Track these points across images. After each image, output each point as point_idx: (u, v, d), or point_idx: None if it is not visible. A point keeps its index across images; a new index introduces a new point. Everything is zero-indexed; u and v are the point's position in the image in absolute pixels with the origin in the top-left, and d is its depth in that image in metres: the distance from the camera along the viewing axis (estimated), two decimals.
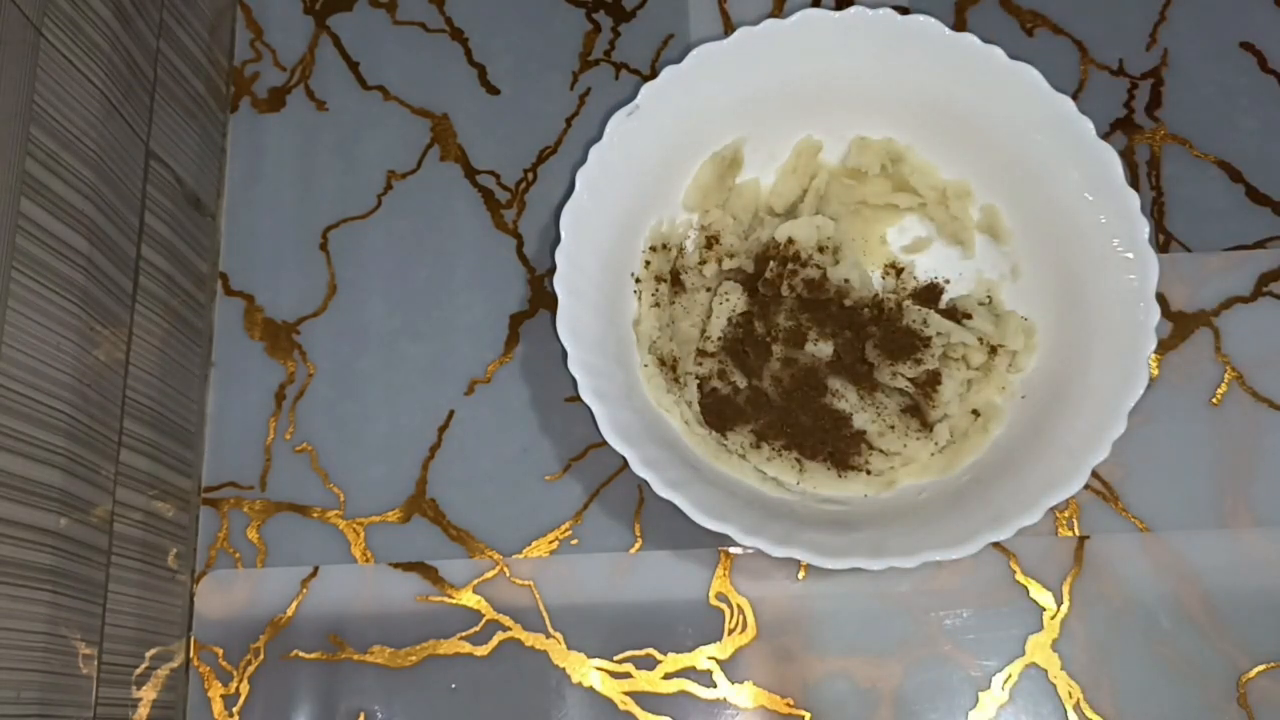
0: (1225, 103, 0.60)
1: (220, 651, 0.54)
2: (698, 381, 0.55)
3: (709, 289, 0.56)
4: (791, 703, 0.52)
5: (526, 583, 0.54)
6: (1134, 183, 0.58)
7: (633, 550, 0.55)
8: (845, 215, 0.57)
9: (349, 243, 0.59)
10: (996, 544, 0.53)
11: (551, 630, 0.54)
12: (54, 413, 0.44)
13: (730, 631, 0.53)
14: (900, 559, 0.48)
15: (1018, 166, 0.54)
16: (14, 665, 0.42)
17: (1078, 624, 0.53)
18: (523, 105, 0.61)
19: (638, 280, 0.55)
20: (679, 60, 0.54)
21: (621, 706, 0.53)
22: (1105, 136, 0.53)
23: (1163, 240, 0.58)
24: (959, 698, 0.52)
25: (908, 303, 0.55)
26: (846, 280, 0.55)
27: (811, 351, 0.54)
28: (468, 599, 0.54)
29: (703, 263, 0.56)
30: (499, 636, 0.54)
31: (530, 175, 0.60)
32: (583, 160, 0.53)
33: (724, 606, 0.54)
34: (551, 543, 0.55)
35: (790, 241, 0.56)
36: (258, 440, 0.57)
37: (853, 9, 0.55)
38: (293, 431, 0.57)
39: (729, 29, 0.62)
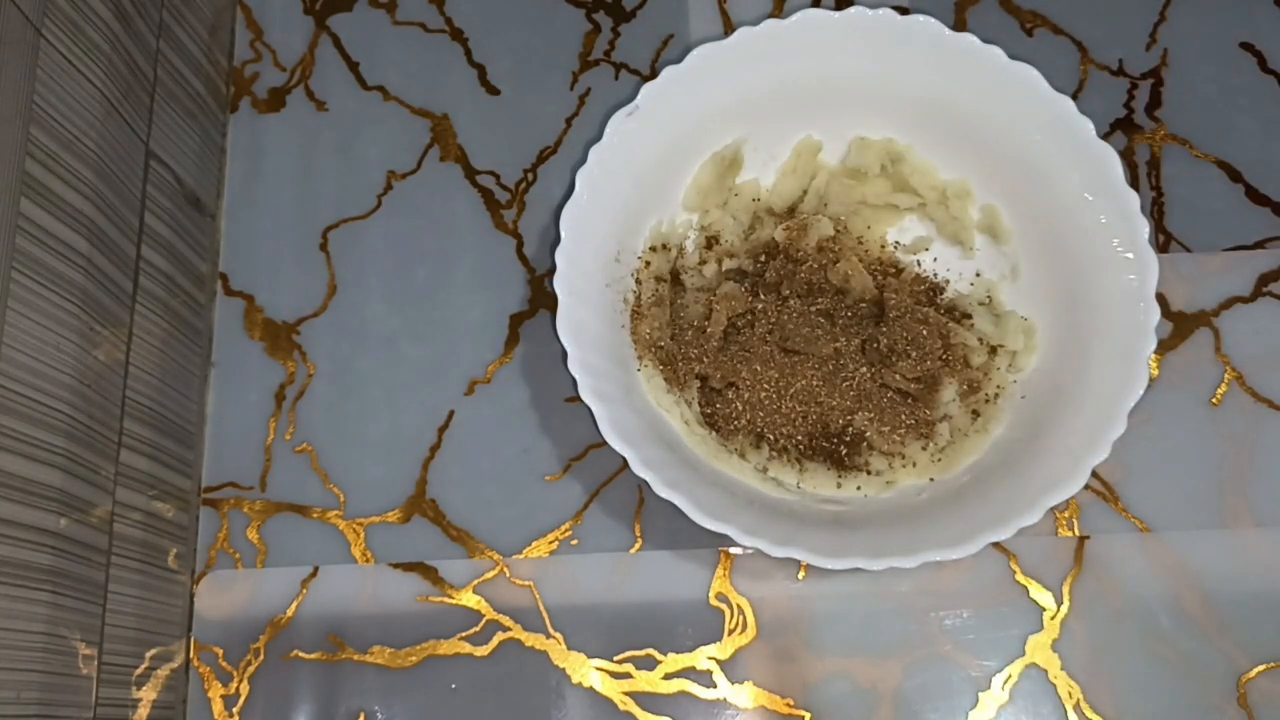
0: (1225, 103, 0.60)
1: (220, 652, 0.54)
2: (698, 381, 0.55)
3: (709, 289, 0.56)
4: (791, 703, 0.52)
5: (526, 583, 0.54)
6: (1134, 183, 0.58)
7: (633, 550, 0.55)
8: (845, 215, 0.57)
9: (349, 243, 0.59)
10: (996, 544, 0.53)
11: (551, 630, 0.54)
12: (54, 413, 0.44)
13: (730, 631, 0.53)
14: (900, 559, 0.48)
15: (1018, 166, 0.54)
16: (14, 665, 0.42)
17: (1078, 624, 0.53)
18: (523, 105, 0.61)
19: (638, 280, 0.55)
20: (679, 60, 0.54)
21: (621, 707, 0.53)
22: (1105, 136, 0.53)
23: (1163, 240, 0.58)
24: (959, 698, 0.52)
25: (907, 303, 0.55)
26: (846, 280, 0.55)
27: (811, 352, 0.54)
28: (468, 599, 0.54)
29: (703, 263, 0.56)
30: (499, 637, 0.54)
31: (530, 175, 0.60)
32: (583, 160, 0.53)
33: (724, 606, 0.54)
34: (551, 543, 0.55)
35: (790, 241, 0.56)
36: (258, 440, 0.57)
37: (853, 9, 0.55)
38: (293, 431, 0.57)
39: (729, 29, 0.62)
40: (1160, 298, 0.51)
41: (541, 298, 0.58)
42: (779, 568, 0.54)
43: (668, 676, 0.53)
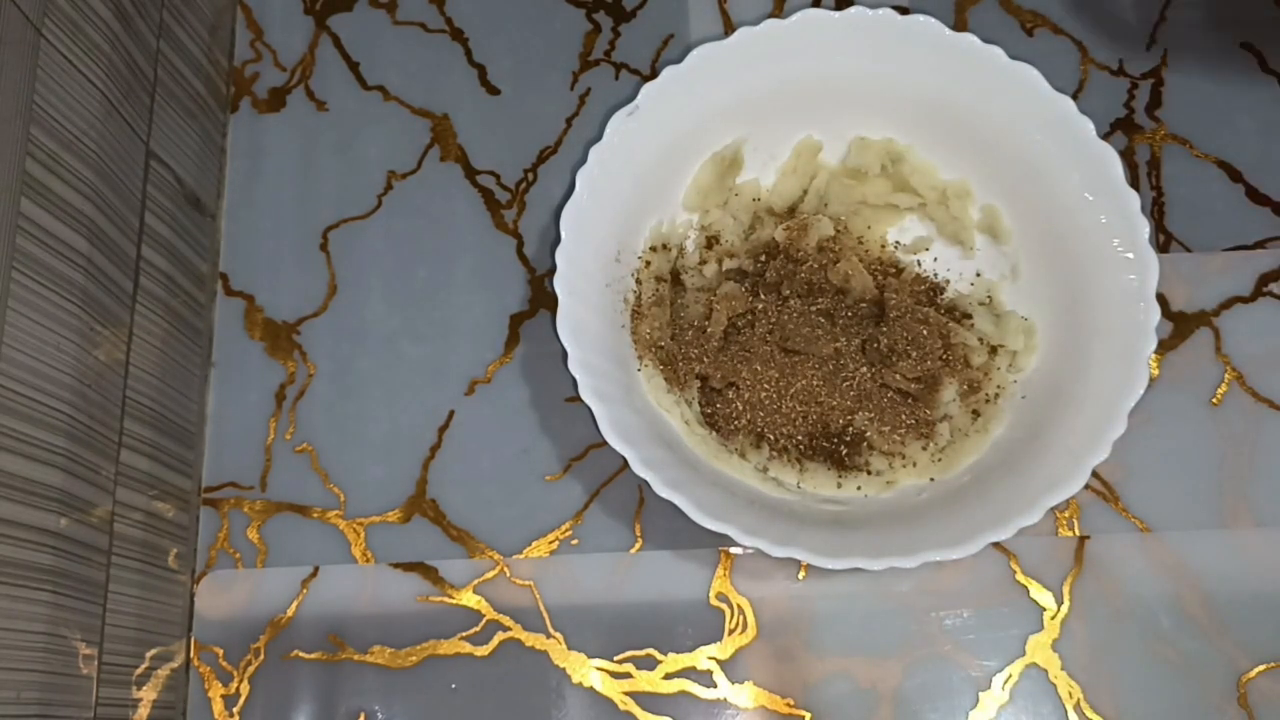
0: (1225, 103, 0.60)
1: (220, 652, 0.54)
2: (698, 381, 0.55)
3: (709, 289, 0.56)
4: (791, 703, 0.52)
5: (527, 583, 0.54)
6: (1134, 183, 0.58)
7: (633, 550, 0.55)
8: (845, 215, 0.57)
9: (349, 243, 0.59)
10: (996, 544, 0.53)
11: (552, 630, 0.54)
12: (54, 413, 0.44)
13: (730, 631, 0.53)
14: (900, 559, 0.48)
15: (1018, 166, 0.54)
16: (14, 665, 0.42)
17: (1078, 624, 0.53)
18: (523, 105, 0.61)
19: (638, 280, 0.55)
20: (679, 60, 0.54)
21: (622, 707, 0.53)
22: (1105, 136, 0.53)
23: (1163, 240, 0.58)
24: (959, 698, 0.52)
25: (908, 303, 0.55)
26: (846, 280, 0.55)
27: (811, 352, 0.54)
28: (468, 599, 0.54)
29: (703, 263, 0.56)
30: (499, 637, 0.54)
31: (530, 175, 0.60)
32: (583, 160, 0.53)
33: (724, 606, 0.54)
34: (552, 543, 0.55)
35: (790, 241, 0.56)
36: (258, 440, 0.57)
37: (853, 9, 0.55)
38: (293, 431, 0.57)
39: (729, 29, 0.62)
40: (1160, 298, 0.51)
41: (541, 298, 0.58)
42: (779, 568, 0.54)
43: (668, 676, 0.53)
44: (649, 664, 0.53)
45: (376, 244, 0.59)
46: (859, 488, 0.53)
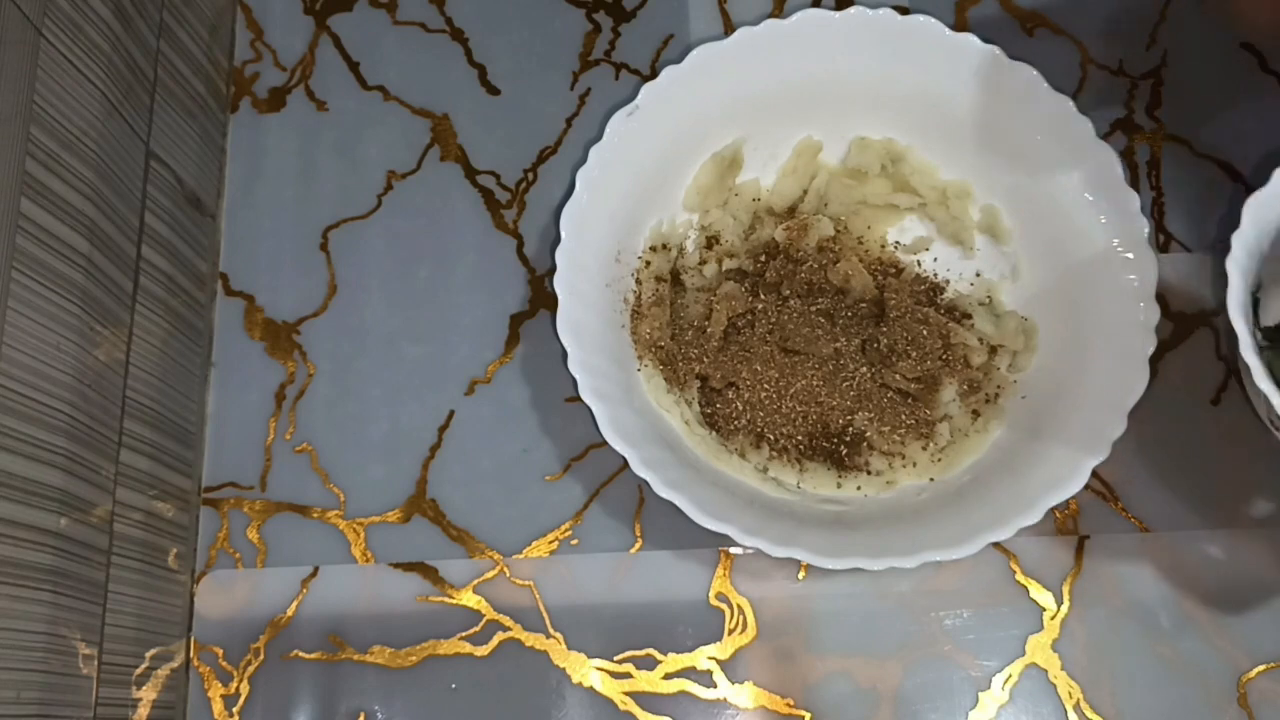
0: (1225, 103, 0.60)
1: (220, 651, 0.54)
2: (698, 381, 0.55)
3: (709, 289, 0.56)
4: (791, 703, 0.52)
5: (527, 583, 0.54)
6: (1134, 183, 0.58)
7: (633, 550, 0.55)
8: (845, 215, 0.57)
9: (349, 243, 0.59)
10: (996, 544, 0.53)
11: (551, 630, 0.54)
12: (54, 413, 0.44)
13: (730, 631, 0.53)
14: (900, 559, 0.48)
15: (1018, 166, 0.54)
16: (14, 665, 0.42)
17: (1078, 624, 0.53)
18: (523, 105, 0.61)
19: (638, 280, 0.55)
20: (679, 60, 0.54)
21: (621, 707, 0.53)
22: (1105, 136, 0.53)
23: (1163, 240, 0.58)
24: (959, 698, 0.52)
25: (907, 303, 0.55)
26: (846, 280, 0.55)
27: (811, 352, 0.54)
28: (468, 599, 0.54)
29: (703, 263, 0.56)
30: (499, 636, 0.54)
31: (530, 175, 0.60)
32: (583, 160, 0.53)
33: (724, 606, 0.54)
34: (551, 543, 0.55)
35: (790, 241, 0.56)
36: (258, 440, 0.57)
37: (853, 9, 0.55)
38: (293, 431, 0.57)
39: (729, 29, 0.62)
40: (1160, 298, 0.51)
41: (541, 298, 0.58)
42: (779, 568, 0.54)
43: (668, 676, 0.53)
44: (649, 664, 0.53)
45: (376, 244, 0.59)
46: (859, 488, 0.53)
